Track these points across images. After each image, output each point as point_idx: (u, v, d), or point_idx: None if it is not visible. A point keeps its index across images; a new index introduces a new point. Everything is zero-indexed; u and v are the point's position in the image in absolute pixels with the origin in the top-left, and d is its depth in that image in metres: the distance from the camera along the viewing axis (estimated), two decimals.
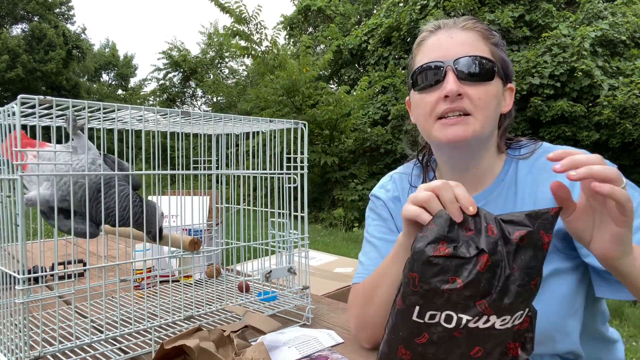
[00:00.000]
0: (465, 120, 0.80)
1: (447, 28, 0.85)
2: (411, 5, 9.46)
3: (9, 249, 0.75)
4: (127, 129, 0.92)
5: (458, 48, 0.82)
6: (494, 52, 0.84)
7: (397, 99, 9.17)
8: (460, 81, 0.80)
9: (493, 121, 0.84)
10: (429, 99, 0.83)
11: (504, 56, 0.86)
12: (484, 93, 0.80)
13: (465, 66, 0.80)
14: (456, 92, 0.79)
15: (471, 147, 0.84)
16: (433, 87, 0.83)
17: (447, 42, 0.83)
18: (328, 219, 8.19)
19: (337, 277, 1.73)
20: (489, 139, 0.86)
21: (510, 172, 0.87)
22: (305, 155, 0.98)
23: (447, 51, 0.82)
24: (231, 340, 0.74)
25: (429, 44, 0.86)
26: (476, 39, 0.83)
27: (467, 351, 0.62)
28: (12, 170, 0.71)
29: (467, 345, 0.62)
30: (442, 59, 0.82)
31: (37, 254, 0.82)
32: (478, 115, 0.80)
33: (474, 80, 0.80)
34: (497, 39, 0.86)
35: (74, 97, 21.56)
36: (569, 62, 7.26)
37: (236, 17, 8.27)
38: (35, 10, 22.50)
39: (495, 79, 0.82)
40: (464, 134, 0.80)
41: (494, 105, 0.82)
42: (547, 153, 0.74)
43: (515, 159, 0.88)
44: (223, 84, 20.13)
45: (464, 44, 0.82)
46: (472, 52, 0.81)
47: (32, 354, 0.70)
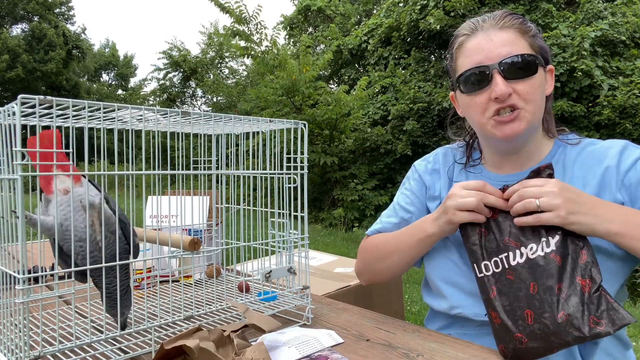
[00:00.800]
0: (518, 116, 0.86)
1: (485, 29, 0.88)
2: (411, 5, 9.46)
3: (9, 249, 0.75)
4: (127, 129, 0.92)
5: (500, 49, 0.85)
6: (533, 44, 0.88)
7: (397, 99, 9.17)
8: (507, 81, 0.85)
9: (541, 109, 0.89)
10: (479, 100, 0.88)
11: (541, 44, 0.90)
12: (530, 87, 0.85)
13: (511, 66, 0.84)
14: (507, 93, 0.84)
15: (525, 137, 0.90)
16: (481, 90, 0.87)
17: (488, 45, 0.86)
18: (328, 219, 8.20)
19: (337, 277, 1.73)
20: (539, 125, 0.92)
21: (558, 154, 0.93)
22: (305, 155, 0.98)
23: (490, 53, 0.86)
24: (231, 340, 0.74)
25: (470, 47, 0.89)
26: (515, 36, 0.86)
27: (527, 291, 0.75)
28: (12, 170, 0.71)
29: (524, 284, 0.75)
30: (487, 62, 0.86)
31: (37, 254, 0.82)
32: (528, 108, 0.86)
33: (520, 77, 0.85)
34: (533, 29, 0.89)
35: (74, 97, 21.55)
36: (569, 62, 7.26)
37: (236, 17, 8.27)
38: (35, 10, 22.50)
39: (538, 70, 0.87)
40: (519, 128, 0.86)
41: (540, 94, 0.88)
42: (593, 144, 0.91)
43: (564, 143, 0.94)
44: (223, 84, 20.13)
45: (505, 44, 0.85)
46: (514, 52, 0.85)
47: (32, 354, 0.70)
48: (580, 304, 0.71)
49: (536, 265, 0.76)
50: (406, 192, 1.12)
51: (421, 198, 1.09)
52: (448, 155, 1.09)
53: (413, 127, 8.45)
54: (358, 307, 1.11)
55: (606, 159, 0.87)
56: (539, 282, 0.75)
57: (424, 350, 0.83)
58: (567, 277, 0.73)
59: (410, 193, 1.10)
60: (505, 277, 0.78)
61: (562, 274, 0.74)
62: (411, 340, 0.89)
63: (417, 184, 1.10)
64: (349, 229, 7.75)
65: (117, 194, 0.81)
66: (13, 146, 0.67)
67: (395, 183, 8.80)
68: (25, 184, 0.70)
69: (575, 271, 0.74)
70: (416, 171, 1.12)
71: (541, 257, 0.76)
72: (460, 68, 0.91)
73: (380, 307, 1.71)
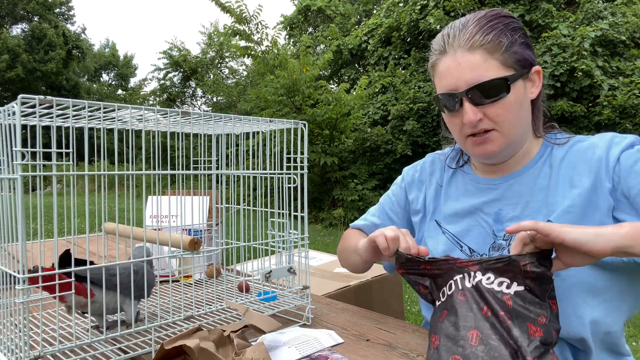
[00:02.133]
0: (490, 137, 0.86)
1: (454, 49, 0.85)
2: (411, 5, 9.46)
3: (9, 248, 0.75)
4: (127, 129, 0.92)
5: (467, 75, 0.83)
6: (505, 61, 0.83)
7: (397, 99, 9.17)
8: (476, 107, 0.84)
9: (519, 125, 0.88)
10: (456, 121, 0.89)
11: (519, 51, 0.85)
12: (501, 108, 0.84)
13: (478, 92, 0.83)
14: (475, 120, 0.84)
15: (505, 153, 0.90)
16: (455, 113, 0.88)
17: (456, 70, 0.84)
18: (328, 219, 8.19)
19: (337, 277, 1.73)
20: (523, 135, 0.90)
21: (545, 155, 0.92)
22: (305, 155, 0.98)
23: (458, 80, 0.84)
24: (231, 340, 0.74)
25: (440, 70, 0.88)
26: (484, 58, 0.83)
27: (478, 312, 0.69)
28: (12, 170, 0.71)
29: (477, 305, 0.69)
30: (455, 90, 0.85)
31: (37, 253, 0.82)
32: (502, 129, 0.86)
33: (489, 101, 0.84)
34: (507, 41, 0.84)
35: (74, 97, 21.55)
36: (569, 62, 7.26)
37: (236, 17, 8.26)
38: (35, 10, 22.50)
39: (511, 89, 0.83)
40: (492, 149, 0.87)
41: (515, 111, 0.85)
42: (580, 142, 0.90)
43: (551, 144, 0.93)
44: (223, 84, 20.13)
45: (473, 69, 0.83)
46: (481, 77, 0.82)
47: (32, 353, 0.70)
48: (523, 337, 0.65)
49: (490, 292, 0.69)
50: (392, 199, 1.14)
51: (403, 209, 1.12)
52: (436, 162, 1.09)
53: (413, 127, 8.45)
54: (358, 307, 1.11)
55: (595, 157, 0.85)
56: (492, 306, 0.68)
57: (424, 350, 0.83)
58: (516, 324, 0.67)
59: (395, 201, 1.13)
60: (457, 297, 0.72)
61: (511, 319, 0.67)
62: (411, 340, 0.89)
63: (401, 194, 1.12)
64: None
65: (117, 194, 0.81)
66: (13, 146, 0.67)
67: None
68: (25, 184, 0.70)
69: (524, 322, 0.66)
70: (403, 180, 1.13)
71: (492, 291, 0.69)
72: (436, 87, 0.92)
73: (380, 307, 1.71)
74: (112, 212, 1.31)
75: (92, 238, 1.97)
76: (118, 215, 0.82)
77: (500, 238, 0.90)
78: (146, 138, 0.81)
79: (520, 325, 0.66)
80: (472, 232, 0.94)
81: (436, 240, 0.99)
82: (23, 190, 0.67)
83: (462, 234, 0.95)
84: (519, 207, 0.89)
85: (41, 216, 0.81)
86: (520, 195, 0.90)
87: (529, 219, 0.84)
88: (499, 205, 0.92)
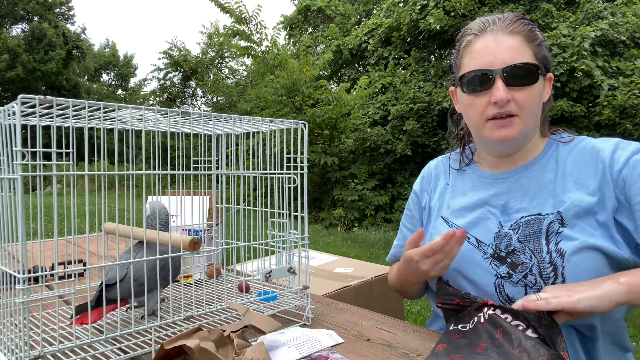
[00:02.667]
0: (512, 122, 0.88)
1: (494, 32, 0.89)
2: (411, 5, 9.45)
3: (9, 248, 0.75)
4: (127, 129, 0.92)
5: (506, 55, 0.86)
6: (537, 53, 0.89)
7: (397, 99, 9.17)
8: (508, 87, 0.86)
9: (536, 117, 0.91)
10: (479, 102, 0.90)
11: (545, 52, 0.91)
12: (529, 95, 0.87)
13: (514, 73, 0.86)
14: (506, 99, 0.86)
15: (518, 142, 0.93)
16: (482, 92, 0.89)
17: (495, 49, 0.87)
18: (328, 219, 8.19)
19: (337, 277, 1.73)
20: (535, 129, 0.94)
21: (550, 151, 0.95)
22: (305, 155, 0.98)
23: (495, 58, 0.87)
24: (231, 340, 0.74)
25: (477, 48, 0.90)
26: (522, 43, 0.87)
27: (493, 332, 0.73)
28: (12, 170, 0.71)
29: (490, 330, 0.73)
30: (491, 67, 0.87)
31: (37, 253, 0.82)
32: (523, 116, 0.88)
33: (521, 84, 0.86)
34: (540, 38, 0.90)
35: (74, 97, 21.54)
36: (569, 62, 7.25)
37: (236, 17, 8.27)
38: (35, 10, 22.50)
39: (539, 79, 0.88)
40: (512, 134, 0.89)
41: (537, 103, 0.89)
42: (585, 141, 0.93)
43: (556, 142, 0.97)
44: (223, 84, 20.12)
45: (511, 50, 0.86)
46: (519, 59, 0.86)
47: (32, 353, 0.70)
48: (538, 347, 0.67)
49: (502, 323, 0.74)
50: (408, 214, 1.17)
51: (420, 219, 1.15)
52: (439, 166, 1.14)
53: (413, 127, 8.45)
54: (358, 307, 1.11)
55: (599, 159, 0.88)
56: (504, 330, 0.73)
57: (424, 350, 0.83)
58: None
59: (411, 215, 1.16)
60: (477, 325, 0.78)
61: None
62: (411, 340, 0.89)
63: (416, 207, 1.15)
64: (349, 229, 7.74)
65: (117, 194, 0.81)
66: (13, 146, 0.67)
67: (395, 183, 8.80)
68: (25, 184, 0.70)
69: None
70: (414, 192, 1.17)
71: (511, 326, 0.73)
72: (464, 67, 0.92)
73: (380, 307, 1.71)
74: (112, 212, 1.31)
75: (92, 238, 1.98)
76: (118, 215, 0.82)
77: (507, 227, 0.92)
78: (146, 138, 0.81)
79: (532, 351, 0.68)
80: (479, 224, 0.96)
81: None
82: (23, 190, 0.67)
83: (469, 226, 0.97)
84: (526, 199, 0.92)
85: (41, 216, 0.81)
86: (527, 188, 0.93)
87: (536, 210, 0.89)
88: (506, 198, 0.95)
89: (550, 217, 0.87)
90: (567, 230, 0.85)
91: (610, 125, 7.12)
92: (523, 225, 0.90)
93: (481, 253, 0.93)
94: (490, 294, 0.91)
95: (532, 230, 0.88)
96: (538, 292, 0.85)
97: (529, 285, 0.87)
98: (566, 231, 0.85)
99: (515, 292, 0.88)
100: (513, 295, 0.88)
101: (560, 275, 0.83)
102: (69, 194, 0.86)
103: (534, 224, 0.89)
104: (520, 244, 0.89)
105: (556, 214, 0.87)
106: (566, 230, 0.85)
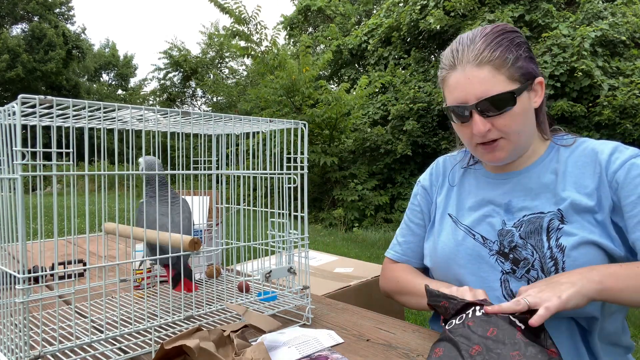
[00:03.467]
0: (498, 145, 0.92)
1: (463, 64, 0.89)
2: (411, 5, 9.45)
3: (9, 248, 0.75)
4: (127, 129, 0.92)
5: (477, 89, 0.88)
6: (512, 75, 0.88)
7: (397, 99, 9.17)
8: (485, 118, 0.89)
9: (525, 132, 0.93)
10: (465, 130, 0.94)
11: (523, 65, 0.89)
12: (509, 120, 0.89)
13: (487, 105, 0.88)
14: (484, 131, 0.89)
15: (511, 158, 0.96)
16: (464, 123, 0.93)
17: (466, 84, 0.89)
18: (328, 219, 8.19)
19: (337, 277, 1.73)
20: (528, 140, 0.96)
21: (552, 154, 0.98)
22: (305, 155, 0.98)
23: (467, 93, 0.89)
24: (231, 340, 0.74)
25: (451, 83, 0.92)
26: (492, 73, 0.87)
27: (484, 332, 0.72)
28: (12, 170, 0.71)
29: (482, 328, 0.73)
30: (465, 102, 0.90)
31: (37, 253, 0.82)
32: (509, 137, 0.91)
33: (497, 113, 0.88)
34: (512, 56, 0.88)
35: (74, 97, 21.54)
36: (569, 62, 7.25)
37: (236, 18, 8.26)
38: (35, 10, 22.50)
39: (517, 101, 0.88)
40: (501, 156, 0.93)
41: (521, 120, 0.90)
42: (586, 143, 0.96)
43: (557, 145, 0.99)
44: (223, 84, 20.12)
45: (482, 83, 0.87)
46: (490, 91, 0.87)
47: (32, 353, 0.70)
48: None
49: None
50: (416, 209, 1.17)
51: (427, 214, 1.15)
52: (447, 163, 1.16)
53: (413, 127, 8.44)
54: (358, 307, 1.11)
55: (597, 161, 0.91)
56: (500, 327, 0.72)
57: (424, 350, 0.83)
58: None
59: (419, 210, 1.16)
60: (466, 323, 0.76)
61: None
62: (411, 340, 0.89)
63: (425, 202, 1.15)
64: (349, 229, 7.74)
65: (117, 194, 0.81)
66: (13, 146, 0.67)
67: (395, 183, 8.79)
68: (25, 184, 0.70)
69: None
70: (422, 187, 1.17)
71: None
72: (446, 99, 0.96)
73: (380, 307, 1.71)
74: (112, 212, 1.31)
75: (92, 238, 1.98)
76: (118, 215, 0.82)
77: (510, 225, 0.95)
78: (146, 138, 0.81)
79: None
80: (484, 221, 0.99)
81: (451, 232, 1.04)
82: (23, 190, 0.67)
83: (474, 224, 1.00)
84: (528, 198, 0.95)
85: (41, 216, 0.81)
86: (530, 188, 0.96)
87: (538, 209, 0.93)
88: (509, 197, 0.98)
89: (550, 214, 0.91)
90: (567, 227, 0.88)
91: (610, 125, 7.12)
92: (525, 222, 0.93)
93: (487, 250, 0.96)
94: (495, 289, 0.93)
95: (533, 227, 0.91)
96: None
97: (532, 280, 0.90)
98: (566, 227, 0.88)
99: (519, 287, 0.90)
100: (517, 290, 0.89)
101: (561, 270, 0.87)
102: (69, 194, 0.86)
103: (535, 221, 0.92)
104: (522, 240, 0.92)
105: (556, 211, 0.90)
106: (566, 226, 0.88)
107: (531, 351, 0.67)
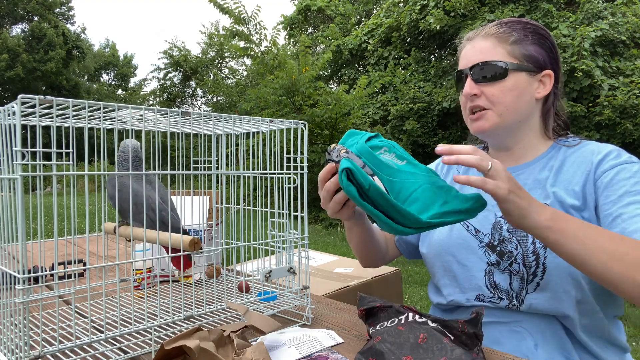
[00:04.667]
0: (484, 115, 0.96)
1: (474, 38, 0.99)
2: (411, 5, 9.45)
3: (9, 248, 0.75)
4: (127, 129, 0.92)
5: (476, 56, 0.96)
6: (512, 51, 0.94)
7: (397, 99, 9.17)
8: (477, 84, 0.95)
9: (515, 111, 0.95)
10: (462, 98, 1.01)
11: (528, 48, 0.95)
12: (497, 90, 0.94)
13: (477, 71, 0.95)
14: (470, 93, 0.95)
15: (500, 134, 0.98)
16: (461, 89, 0.99)
17: (469, 52, 0.98)
18: (328, 219, 8.19)
19: (337, 277, 1.73)
20: (522, 123, 0.98)
21: (552, 152, 0.99)
22: (305, 155, 0.98)
23: (468, 61, 0.98)
24: (231, 340, 0.74)
25: (462, 53, 1.01)
26: (493, 45, 0.95)
27: (415, 340, 0.73)
28: (12, 170, 0.71)
29: (414, 334, 0.73)
30: (464, 67, 0.98)
31: (37, 253, 0.82)
32: (495, 109, 0.95)
33: (487, 81, 0.94)
34: (515, 37, 0.95)
35: (74, 97, 21.54)
36: (569, 62, 7.26)
37: (235, 18, 8.26)
38: (35, 10, 22.50)
39: (509, 75, 0.93)
40: (483, 126, 0.96)
41: (511, 97, 0.94)
42: (587, 145, 0.97)
43: (559, 145, 1.00)
44: (223, 84, 20.12)
45: (481, 52, 0.96)
46: (483, 59, 0.95)
47: (32, 353, 0.70)
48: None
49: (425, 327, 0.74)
50: None
51: None
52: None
53: (413, 127, 8.45)
54: None
55: (590, 160, 0.92)
56: (429, 335, 0.73)
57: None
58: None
59: None
60: (395, 328, 0.77)
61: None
62: None
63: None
64: None
65: (117, 194, 0.81)
66: (13, 146, 0.67)
67: None
68: (25, 184, 0.70)
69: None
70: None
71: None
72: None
73: None
74: (112, 212, 1.31)
75: (92, 238, 1.98)
76: (118, 216, 0.82)
77: (499, 217, 0.98)
78: (146, 138, 0.81)
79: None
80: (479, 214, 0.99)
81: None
82: (23, 190, 0.67)
83: None
84: None
85: (41, 216, 0.81)
86: (524, 184, 0.97)
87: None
88: None
89: None
90: None
91: (610, 125, 7.12)
92: None
93: (477, 241, 0.98)
94: (478, 279, 0.96)
95: None
96: (521, 280, 0.90)
97: (514, 272, 0.91)
98: None
99: (502, 279, 0.93)
100: (499, 282, 0.93)
101: (541, 265, 0.88)
102: (69, 194, 0.86)
103: None
104: (509, 234, 0.94)
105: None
106: None
107: (456, 353, 0.68)
